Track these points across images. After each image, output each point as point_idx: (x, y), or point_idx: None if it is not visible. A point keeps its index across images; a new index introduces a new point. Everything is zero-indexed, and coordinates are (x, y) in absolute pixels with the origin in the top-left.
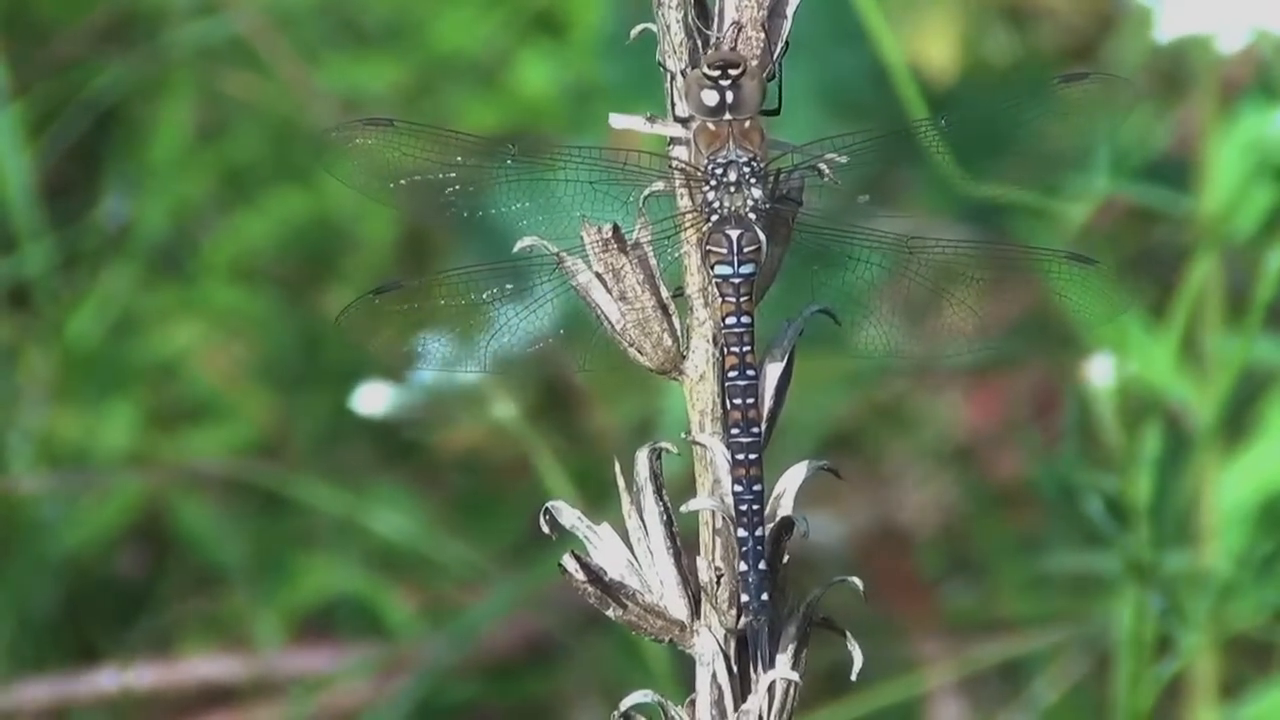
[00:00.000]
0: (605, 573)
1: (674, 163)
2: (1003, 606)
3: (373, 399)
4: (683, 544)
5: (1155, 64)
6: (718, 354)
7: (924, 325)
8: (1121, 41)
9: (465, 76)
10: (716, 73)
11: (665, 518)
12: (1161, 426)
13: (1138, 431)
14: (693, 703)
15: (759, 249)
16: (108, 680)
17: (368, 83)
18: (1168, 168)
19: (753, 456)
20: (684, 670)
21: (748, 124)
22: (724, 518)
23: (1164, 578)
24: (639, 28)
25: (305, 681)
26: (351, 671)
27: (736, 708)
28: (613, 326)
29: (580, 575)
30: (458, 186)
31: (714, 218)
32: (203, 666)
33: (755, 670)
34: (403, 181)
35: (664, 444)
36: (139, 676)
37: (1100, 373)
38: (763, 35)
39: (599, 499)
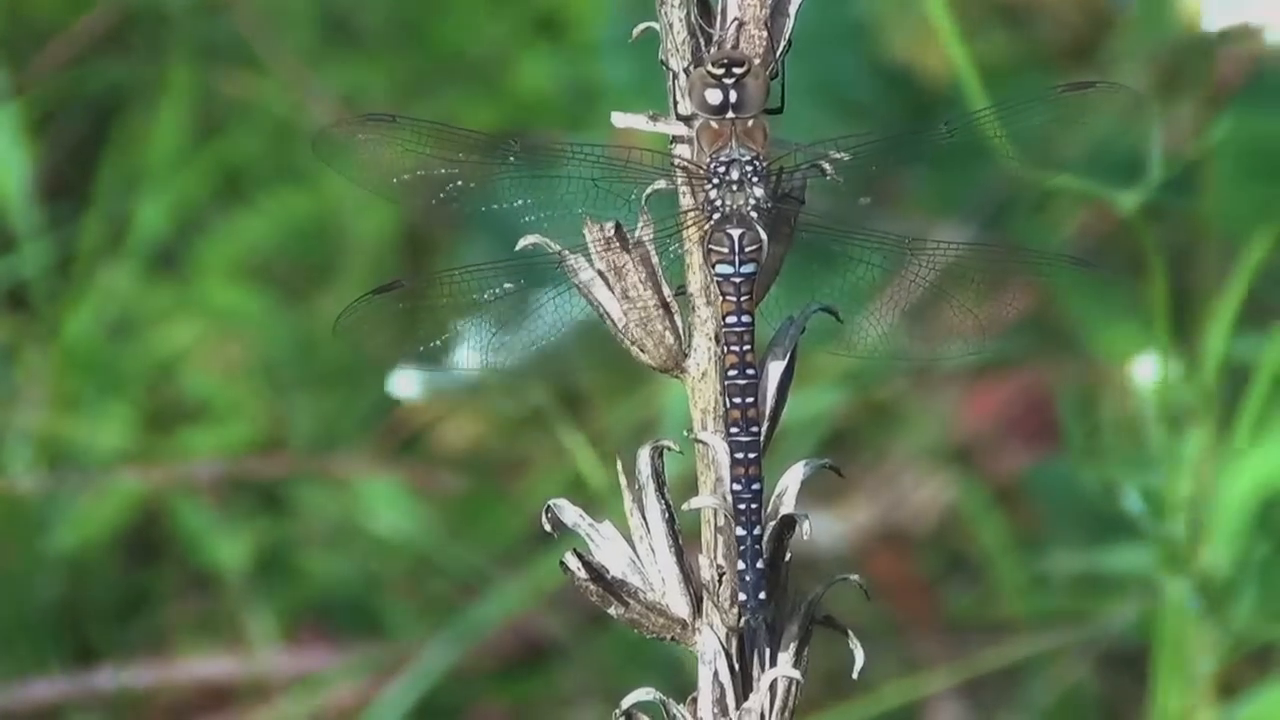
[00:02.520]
0: (607, 571)
1: (676, 161)
2: (1002, 606)
3: (407, 384)
4: (684, 542)
5: (1153, 62)
6: (719, 352)
7: (924, 326)
8: (1119, 41)
9: (466, 77)
10: (720, 71)
11: (667, 516)
12: (1201, 425)
13: (1171, 430)
14: (694, 701)
15: (760, 248)
16: (105, 680)
17: (366, 83)
18: (1168, 168)
19: (751, 455)
20: (686, 670)
21: (750, 123)
22: (726, 516)
23: (1192, 577)
24: (641, 26)
25: (303, 682)
26: (349, 672)
27: (738, 706)
28: (615, 324)
29: (582, 573)
30: (459, 183)
31: (716, 216)
32: (200, 666)
33: (757, 668)
34: (405, 177)
35: (666, 442)
36: (136, 676)
37: (1144, 371)
38: (765, 34)
39: (605, 501)
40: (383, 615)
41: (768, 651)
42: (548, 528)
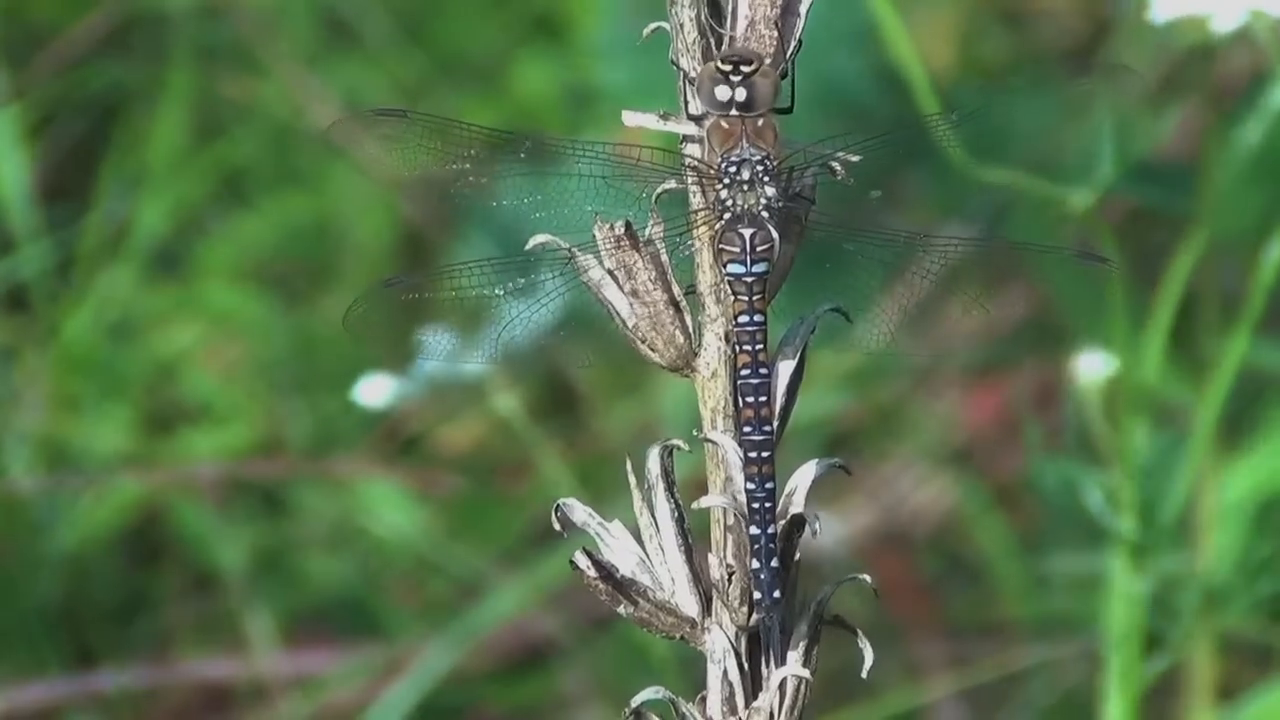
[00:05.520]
0: (616, 570)
1: (687, 160)
2: (1002, 608)
3: (374, 391)
4: (693, 541)
5: (1155, 66)
6: (730, 351)
7: (931, 322)
8: (1120, 43)
9: (465, 79)
10: (729, 68)
11: (676, 515)
12: (1152, 424)
13: (1131, 429)
14: (703, 700)
15: (772, 247)
16: (105, 681)
17: (367, 86)
18: (1168, 170)
19: (765, 454)
20: (688, 671)
21: (761, 122)
22: (736, 515)
23: (1158, 575)
24: (652, 26)
25: (303, 683)
26: (349, 673)
27: (747, 705)
28: (624, 323)
29: (591, 572)
30: (470, 179)
31: (727, 216)
32: (200, 668)
33: (766, 667)
34: (415, 172)
35: (675, 441)
36: (136, 678)
37: (1089, 369)
38: (775, 33)
39: (601, 500)
40: (383, 617)
41: (777, 651)
42: (557, 526)
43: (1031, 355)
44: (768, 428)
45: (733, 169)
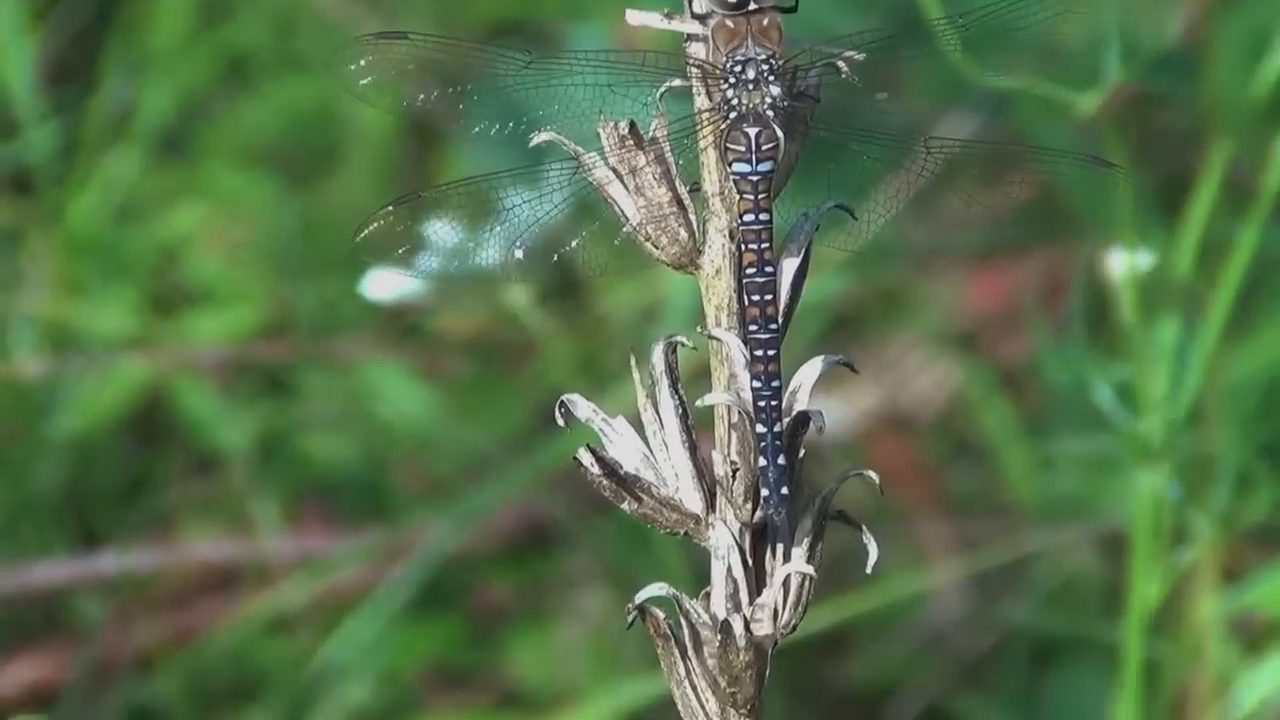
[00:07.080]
0: (620, 466)
1: (691, 60)
2: (1007, 490)
3: (382, 286)
4: (697, 437)
5: None
6: (734, 249)
7: (933, 215)
8: None
9: None
10: None
11: (681, 411)
12: (1178, 315)
13: (1150, 319)
14: (707, 596)
15: (777, 146)
16: (108, 563)
17: None
18: (1172, 53)
19: (771, 352)
20: (691, 555)
21: (766, 20)
22: (740, 412)
23: (1173, 465)
24: None
25: (307, 565)
26: (353, 555)
27: (751, 601)
28: (629, 222)
29: (595, 469)
30: (475, 97)
31: (732, 115)
32: (203, 550)
33: (770, 563)
34: (420, 95)
35: (679, 337)
36: (140, 560)
37: (1118, 263)
38: None
39: (604, 384)
40: (387, 498)
41: (781, 547)
42: (560, 422)
43: (1036, 239)
44: (774, 325)
45: (738, 68)
